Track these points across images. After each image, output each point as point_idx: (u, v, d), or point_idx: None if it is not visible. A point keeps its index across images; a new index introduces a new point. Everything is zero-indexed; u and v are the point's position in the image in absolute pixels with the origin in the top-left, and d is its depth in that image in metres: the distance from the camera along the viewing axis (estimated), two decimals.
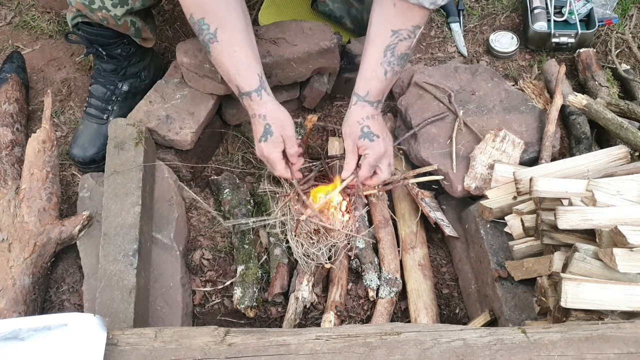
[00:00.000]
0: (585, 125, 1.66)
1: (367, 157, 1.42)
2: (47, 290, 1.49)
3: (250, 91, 1.39)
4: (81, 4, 1.47)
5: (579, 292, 1.07)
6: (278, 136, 1.41)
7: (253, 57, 1.40)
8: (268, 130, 1.40)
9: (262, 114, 1.40)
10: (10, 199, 1.48)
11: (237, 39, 1.37)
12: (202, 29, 1.36)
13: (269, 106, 1.41)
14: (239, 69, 1.38)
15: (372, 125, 1.41)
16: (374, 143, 1.41)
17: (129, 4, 1.49)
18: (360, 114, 1.42)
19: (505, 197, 1.41)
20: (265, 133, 1.41)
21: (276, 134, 1.41)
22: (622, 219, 1.13)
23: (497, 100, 1.65)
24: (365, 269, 1.49)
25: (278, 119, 1.41)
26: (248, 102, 1.41)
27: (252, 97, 1.40)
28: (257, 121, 1.41)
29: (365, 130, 1.41)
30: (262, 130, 1.41)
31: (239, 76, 1.38)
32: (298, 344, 0.98)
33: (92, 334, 0.95)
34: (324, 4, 1.82)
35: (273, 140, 1.41)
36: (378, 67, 1.38)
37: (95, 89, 1.70)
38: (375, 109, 1.43)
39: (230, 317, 1.51)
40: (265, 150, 1.42)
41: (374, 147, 1.41)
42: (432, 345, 0.97)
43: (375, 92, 1.41)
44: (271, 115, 1.41)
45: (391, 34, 1.35)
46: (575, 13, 1.92)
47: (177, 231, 1.54)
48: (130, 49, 1.66)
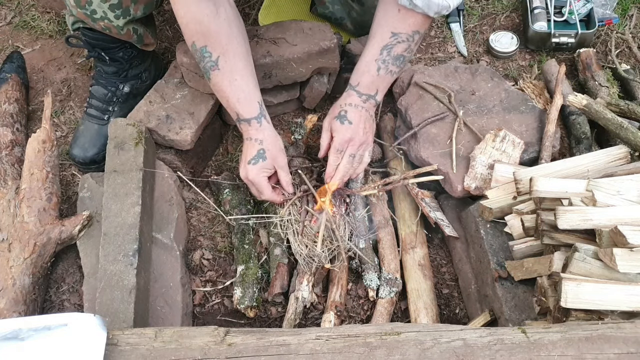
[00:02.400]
0: (585, 125, 1.66)
1: (336, 139, 1.45)
2: (47, 290, 1.49)
3: (249, 118, 1.41)
4: (83, 14, 1.47)
5: (579, 292, 1.07)
6: (269, 163, 1.43)
7: (253, 85, 1.42)
8: (261, 155, 1.41)
9: (258, 138, 1.42)
10: (10, 199, 1.48)
11: (239, 68, 1.39)
12: (203, 57, 1.37)
13: (267, 133, 1.43)
14: (239, 97, 1.40)
15: (350, 112, 1.45)
16: (343, 127, 1.44)
17: (130, 14, 1.49)
18: (345, 100, 1.47)
19: (505, 197, 1.41)
20: (257, 157, 1.41)
21: (269, 161, 1.42)
22: (622, 219, 1.13)
23: (497, 100, 1.65)
24: (365, 269, 1.49)
25: (273, 146, 1.43)
26: (246, 127, 1.43)
27: (252, 123, 1.42)
28: (251, 144, 1.42)
29: (342, 113, 1.45)
30: (254, 153, 1.42)
31: (239, 104, 1.40)
32: (298, 344, 0.98)
33: (92, 334, 0.95)
34: (324, 7, 1.82)
35: (264, 165, 1.42)
36: (372, 62, 1.43)
37: (96, 90, 1.70)
38: (363, 101, 1.45)
39: (230, 317, 1.51)
40: (252, 173, 1.42)
41: (341, 131, 1.44)
42: (432, 345, 0.97)
43: (365, 85, 1.45)
44: (268, 142, 1.42)
45: (390, 35, 1.40)
46: (575, 13, 1.92)
47: (177, 231, 1.54)
48: (132, 52, 1.66)
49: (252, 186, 1.46)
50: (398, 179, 1.59)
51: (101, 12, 1.46)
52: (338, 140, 1.45)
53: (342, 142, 1.45)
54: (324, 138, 1.50)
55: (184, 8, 1.31)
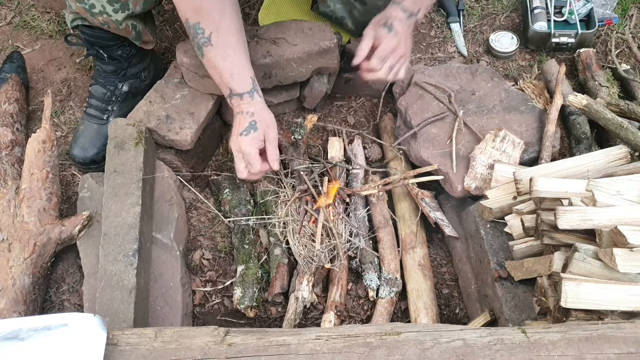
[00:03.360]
0: (585, 125, 1.66)
1: (382, 45, 1.45)
2: (47, 290, 1.49)
3: (242, 93, 1.41)
4: (82, 8, 1.47)
5: (579, 292, 1.07)
6: (261, 134, 1.41)
7: (246, 60, 1.42)
8: (253, 126, 1.40)
9: (250, 111, 1.41)
10: (10, 199, 1.48)
11: (231, 43, 1.39)
12: (197, 33, 1.37)
13: (259, 106, 1.42)
14: (233, 73, 1.40)
15: (396, 23, 1.45)
16: (389, 35, 1.44)
17: (129, 9, 1.49)
18: (392, 13, 1.46)
19: (505, 197, 1.41)
20: (249, 128, 1.40)
21: (260, 132, 1.40)
22: (622, 219, 1.13)
23: (497, 100, 1.65)
24: (365, 269, 1.49)
25: (265, 119, 1.42)
26: (237, 102, 1.42)
27: (244, 97, 1.41)
28: (243, 117, 1.41)
29: (389, 23, 1.45)
30: (245, 125, 1.40)
31: (232, 79, 1.40)
32: (298, 344, 0.98)
33: (92, 334, 0.95)
34: (325, 5, 1.82)
35: (255, 136, 1.40)
36: None
37: (96, 89, 1.70)
38: (406, 17, 1.46)
39: (230, 317, 1.51)
40: (243, 143, 1.40)
41: (387, 38, 1.44)
42: (432, 345, 0.97)
43: (410, 2, 1.45)
44: (259, 114, 1.41)
45: None
46: (575, 13, 1.92)
47: (177, 231, 1.54)
48: (131, 51, 1.66)
49: (241, 159, 1.43)
50: (398, 179, 1.59)
51: (100, 6, 1.46)
52: (383, 47, 1.45)
53: (386, 49, 1.45)
54: (366, 44, 1.47)
55: None
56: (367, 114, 1.85)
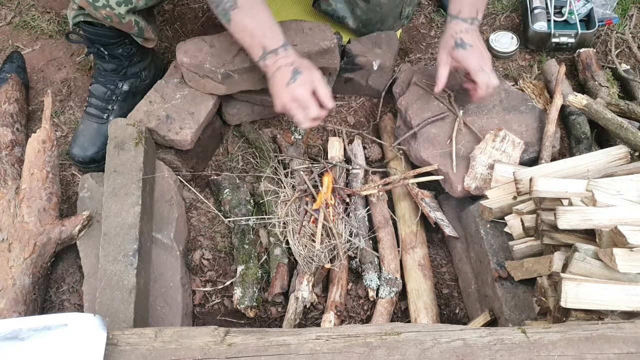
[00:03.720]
0: (585, 125, 1.66)
1: (470, 64, 1.47)
2: (47, 290, 1.49)
3: (276, 48, 1.40)
4: (85, 1, 1.47)
5: (579, 292, 1.07)
6: (308, 75, 1.40)
7: (274, 17, 1.42)
8: (297, 72, 1.39)
9: (288, 62, 1.40)
10: (10, 199, 1.48)
11: (257, 2, 1.39)
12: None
13: (296, 56, 1.42)
14: (264, 30, 1.40)
15: (465, 37, 1.47)
16: (467, 52, 1.47)
17: (132, 3, 1.49)
18: (454, 29, 1.48)
19: (505, 197, 1.41)
20: (294, 75, 1.39)
21: (305, 74, 1.40)
22: (622, 219, 1.13)
23: (497, 100, 1.65)
24: (365, 269, 1.49)
25: (305, 64, 1.42)
26: (273, 59, 1.40)
27: (279, 52, 1.40)
28: (284, 70, 1.39)
29: (459, 41, 1.47)
30: (289, 75, 1.39)
31: (265, 37, 1.40)
32: (298, 344, 0.98)
33: (92, 334, 0.95)
34: (327, 3, 1.81)
35: (303, 78, 1.39)
36: None
37: (96, 88, 1.70)
38: (470, 25, 1.48)
39: (230, 317, 1.51)
40: (296, 90, 1.38)
41: (469, 55, 1.47)
42: (432, 345, 0.97)
43: (467, 10, 1.48)
44: (298, 62, 1.41)
45: None
46: (575, 13, 1.92)
47: (177, 231, 1.54)
48: (132, 49, 1.66)
49: (297, 108, 1.40)
50: (398, 179, 1.59)
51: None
52: (475, 62, 1.47)
53: (479, 63, 1.47)
54: (442, 73, 1.50)
55: None
56: (367, 114, 1.85)
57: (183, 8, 2.05)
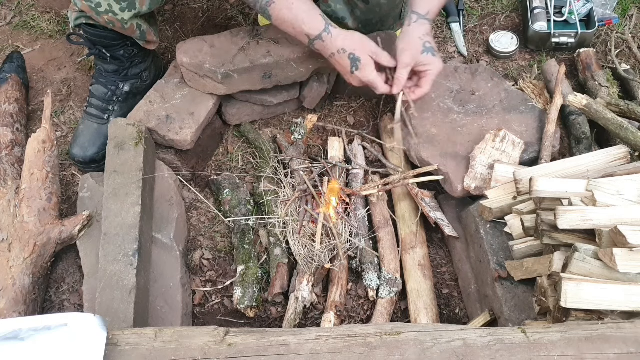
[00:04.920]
0: (585, 125, 1.66)
1: (430, 73, 1.48)
2: (47, 290, 1.49)
3: (319, 34, 1.43)
4: (87, 6, 1.47)
5: (579, 292, 1.07)
6: (366, 58, 1.44)
7: (310, 2, 1.45)
8: (355, 58, 1.44)
9: (339, 48, 1.44)
10: (10, 199, 1.48)
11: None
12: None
13: (342, 38, 1.45)
14: (303, 18, 1.42)
15: (431, 42, 1.48)
16: (435, 58, 1.47)
17: (136, 8, 1.49)
18: (421, 31, 1.48)
19: (505, 197, 1.41)
20: (353, 62, 1.44)
21: (363, 58, 1.44)
22: (622, 219, 1.13)
23: (497, 100, 1.65)
24: (365, 269, 1.49)
25: (356, 43, 1.45)
26: (321, 45, 1.45)
27: (324, 37, 1.43)
28: (339, 56, 1.45)
29: (427, 45, 1.47)
30: (349, 63, 1.44)
31: (304, 25, 1.43)
32: (298, 344, 0.98)
33: (92, 334, 0.95)
34: (326, 5, 1.81)
35: (364, 64, 1.44)
36: None
37: (96, 89, 1.70)
38: (431, 28, 1.50)
39: (230, 317, 1.51)
40: (362, 76, 1.45)
41: (436, 62, 1.47)
42: (432, 345, 0.97)
43: (434, 12, 1.50)
44: (349, 45, 1.44)
45: None
46: (575, 13, 1.92)
47: (177, 231, 1.54)
48: (133, 51, 1.66)
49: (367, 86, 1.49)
50: (398, 179, 1.59)
51: (106, 4, 1.46)
52: (436, 72, 1.49)
53: (438, 73, 1.49)
54: (404, 75, 1.49)
55: None
56: (367, 114, 1.85)
57: (183, 8, 2.05)
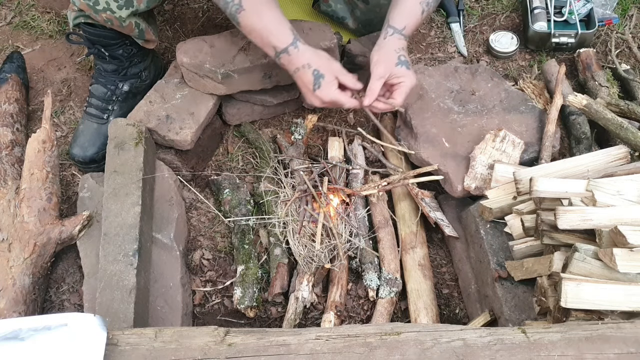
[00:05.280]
0: (585, 125, 1.66)
1: (403, 84, 1.46)
2: (47, 290, 1.49)
3: (286, 47, 1.41)
4: (85, 4, 1.47)
5: (579, 292, 1.07)
6: (330, 76, 1.42)
7: (280, 14, 1.43)
8: (318, 75, 1.41)
9: (304, 63, 1.42)
10: (10, 199, 1.48)
11: (262, 1, 1.39)
12: (227, 3, 1.38)
13: (309, 54, 1.43)
14: (271, 29, 1.40)
15: (406, 55, 1.47)
16: (410, 72, 1.46)
17: (134, 6, 1.49)
18: (397, 44, 1.47)
19: (505, 197, 1.41)
20: (316, 79, 1.41)
21: (327, 76, 1.42)
22: (622, 219, 1.13)
23: (497, 100, 1.65)
24: (365, 269, 1.49)
25: (322, 60, 1.43)
26: (287, 59, 1.43)
27: (290, 51, 1.41)
28: (303, 72, 1.42)
29: (402, 59, 1.46)
30: (312, 79, 1.42)
31: (272, 36, 1.40)
32: (298, 344, 0.98)
33: (92, 334, 0.95)
34: (327, 4, 1.82)
35: (327, 82, 1.42)
36: (417, 5, 1.46)
37: (96, 88, 1.70)
38: (407, 44, 1.48)
39: (230, 317, 1.51)
40: (323, 95, 1.42)
41: (410, 76, 1.46)
42: (432, 345, 0.97)
43: (411, 28, 1.48)
44: (314, 61, 1.42)
45: None
46: (575, 13, 1.92)
47: (177, 231, 1.54)
48: (132, 50, 1.66)
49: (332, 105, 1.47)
50: (398, 179, 1.59)
51: (104, 2, 1.46)
52: (409, 85, 1.46)
53: (411, 87, 1.47)
54: (377, 86, 1.46)
55: None
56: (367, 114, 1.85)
57: (183, 8, 2.05)
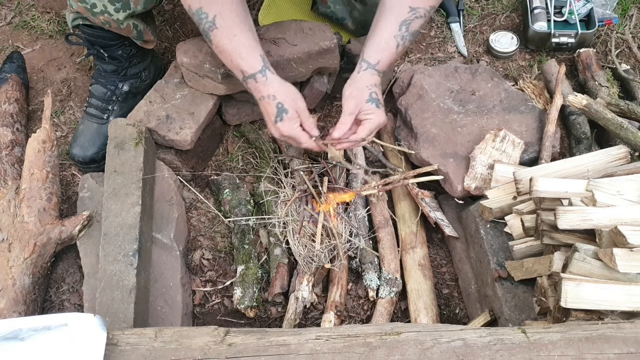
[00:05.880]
0: (585, 125, 1.66)
1: (370, 121, 1.42)
2: (47, 290, 1.49)
3: (254, 73, 1.37)
4: (83, 7, 1.47)
5: (579, 292, 1.07)
6: (293, 112, 1.39)
7: (253, 39, 1.39)
8: (282, 109, 1.37)
9: (270, 94, 1.38)
10: (10, 199, 1.48)
11: (236, 23, 1.36)
12: (200, 19, 1.35)
13: (276, 85, 1.39)
14: (241, 53, 1.37)
15: (378, 94, 1.43)
16: (379, 110, 1.42)
17: (130, 8, 1.49)
18: (370, 81, 1.43)
19: (505, 197, 1.41)
20: (279, 112, 1.38)
21: (291, 111, 1.38)
22: (622, 219, 1.13)
23: (497, 100, 1.65)
24: (365, 269, 1.49)
25: (287, 95, 1.39)
26: (254, 85, 1.39)
27: (257, 78, 1.37)
28: (267, 102, 1.38)
29: (374, 96, 1.42)
30: (275, 111, 1.38)
31: (241, 60, 1.37)
32: (298, 344, 0.98)
33: (92, 334, 0.95)
34: (325, 6, 1.81)
35: (289, 117, 1.38)
36: (392, 39, 1.41)
37: (96, 89, 1.70)
38: (380, 79, 1.44)
39: (230, 317, 1.51)
40: (284, 129, 1.39)
41: (379, 114, 1.42)
42: (432, 345, 0.97)
43: (385, 63, 1.43)
44: (280, 93, 1.38)
45: (409, 9, 1.39)
46: (575, 13, 1.92)
47: (177, 231, 1.54)
48: (131, 50, 1.66)
49: (289, 141, 1.43)
50: (398, 179, 1.59)
51: (101, 5, 1.46)
52: (376, 123, 1.43)
53: (378, 125, 1.43)
54: (347, 121, 1.42)
55: None
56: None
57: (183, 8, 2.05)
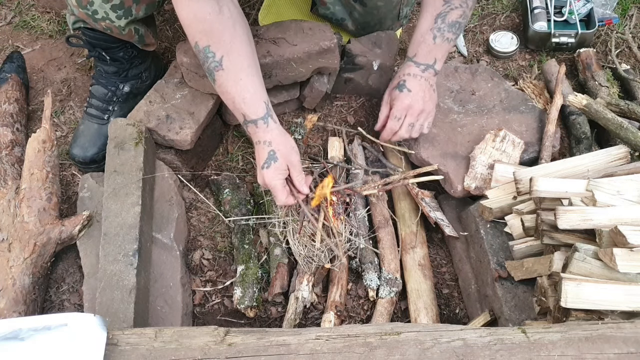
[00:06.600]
0: (585, 125, 1.66)
1: (395, 107, 1.47)
2: (47, 290, 1.49)
3: (256, 119, 1.35)
4: (84, 13, 1.47)
5: (579, 292, 1.07)
6: (282, 163, 1.36)
7: (259, 84, 1.36)
8: (272, 157, 1.35)
9: (267, 140, 1.36)
10: (10, 199, 1.48)
11: (244, 66, 1.33)
12: (207, 57, 1.31)
13: (275, 133, 1.37)
14: (245, 97, 1.34)
15: (409, 81, 1.47)
16: (402, 94, 1.45)
17: (132, 14, 1.49)
18: (404, 71, 1.49)
19: (505, 197, 1.41)
20: (268, 159, 1.35)
21: (280, 161, 1.36)
22: (622, 219, 1.13)
23: (497, 100, 1.65)
24: (365, 269, 1.49)
25: (283, 146, 1.37)
26: (253, 130, 1.37)
27: (258, 124, 1.35)
28: (262, 147, 1.37)
29: (401, 83, 1.47)
30: (265, 156, 1.36)
31: (244, 104, 1.34)
32: (298, 344, 0.98)
33: (92, 334, 0.95)
34: (325, 7, 1.81)
35: (277, 167, 1.36)
36: (428, 32, 1.46)
37: (96, 89, 1.70)
38: (421, 71, 1.48)
39: (230, 317, 1.51)
40: (267, 177, 1.36)
41: (400, 98, 1.45)
42: (432, 345, 0.97)
43: (423, 55, 1.47)
44: (277, 142, 1.36)
45: (443, 3, 1.44)
46: (575, 13, 1.92)
47: (177, 231, 1.54)
48: (133, 52, 1.66)
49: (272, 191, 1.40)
50: (398, 179, 1.59)
51: (103, 12, 1.46)
52: (397, 107, 1.46)
53: (400, 109, 1.46)
54: (383, 110, 1.50)
55: (186, 7, 1.27)
56: (367, 114, 1.85)
57: None
